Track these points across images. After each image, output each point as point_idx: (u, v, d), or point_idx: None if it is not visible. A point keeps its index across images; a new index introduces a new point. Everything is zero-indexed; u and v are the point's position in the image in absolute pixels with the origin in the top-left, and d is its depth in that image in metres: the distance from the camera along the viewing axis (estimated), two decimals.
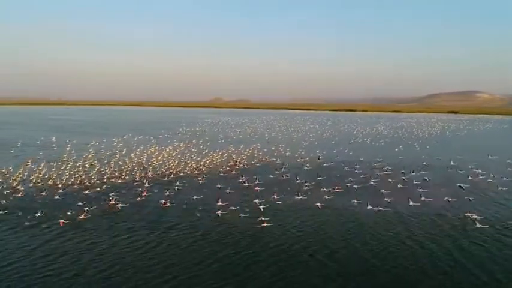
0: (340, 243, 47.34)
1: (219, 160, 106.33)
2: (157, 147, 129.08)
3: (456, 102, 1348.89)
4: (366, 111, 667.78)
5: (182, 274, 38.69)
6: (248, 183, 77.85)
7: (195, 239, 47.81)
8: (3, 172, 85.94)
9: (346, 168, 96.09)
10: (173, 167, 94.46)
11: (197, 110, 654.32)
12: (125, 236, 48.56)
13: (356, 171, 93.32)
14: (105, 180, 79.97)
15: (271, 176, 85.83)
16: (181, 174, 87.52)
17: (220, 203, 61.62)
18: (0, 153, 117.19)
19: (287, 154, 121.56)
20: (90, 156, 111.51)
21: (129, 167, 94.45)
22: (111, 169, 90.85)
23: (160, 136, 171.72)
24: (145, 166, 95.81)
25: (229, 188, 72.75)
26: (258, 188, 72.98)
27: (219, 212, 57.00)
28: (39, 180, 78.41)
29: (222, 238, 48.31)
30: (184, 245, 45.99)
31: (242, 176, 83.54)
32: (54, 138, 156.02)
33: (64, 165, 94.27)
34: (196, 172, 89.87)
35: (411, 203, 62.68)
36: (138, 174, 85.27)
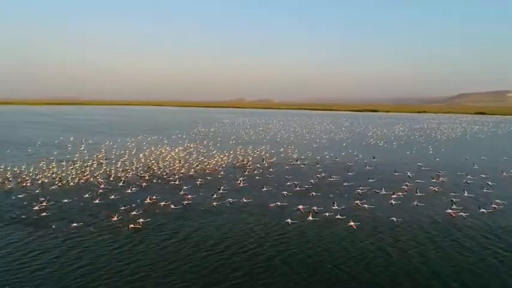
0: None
1: (224, 161, 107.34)
2: (167, 148, 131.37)
3: (486, 103, 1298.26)
4: (388, 111, 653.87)
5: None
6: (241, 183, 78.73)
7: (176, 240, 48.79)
8: (15, 171, 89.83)
9: (346, 169, 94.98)
10: (177, 168, 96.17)
11: (217, 110, 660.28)
12: (106, 235, 50.06)
13: (349, 173, 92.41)
14: (110, 179, 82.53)
15: (257, 177, 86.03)
16: (184, 175, 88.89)
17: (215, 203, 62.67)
18: (18, 152, 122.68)
19: (294, 155, 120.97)
20: (100, 156, 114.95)
21: (135, 167, 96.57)
22: (117, 169, 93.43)
23: (174, 137, 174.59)
24: (150, 166, 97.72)
25: (221, 189, 73.57)
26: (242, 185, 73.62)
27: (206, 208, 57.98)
28: (45, 180, 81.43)
29: (202, 239, 49.06)
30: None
31: (240, 177, 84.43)
32: (72, 138, 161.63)
33: (73, 165, 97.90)
34: (199, 173, 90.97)
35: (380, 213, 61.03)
36: (141, 175, 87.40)
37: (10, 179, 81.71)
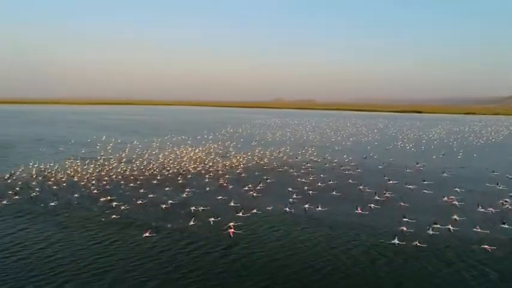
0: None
1: (236, 163, 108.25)
2: (188, 148, 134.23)
3: None
4: (433, 112, 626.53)
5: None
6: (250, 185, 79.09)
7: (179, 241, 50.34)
8: (40, 167, 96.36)
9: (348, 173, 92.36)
10: (189, 168, 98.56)
11: (254, 110, 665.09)
12: (98, 233, 52.66)
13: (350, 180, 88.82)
14: (124, 176, 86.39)
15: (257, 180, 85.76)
16: (194, 175, 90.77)
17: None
18: (51, 150, 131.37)
19: (313, 157, 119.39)
20: (123, 155, 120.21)
21: (151, 166, 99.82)
22: (132, 168, 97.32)
23: (199, 137, 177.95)
24: (165, 166, 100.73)
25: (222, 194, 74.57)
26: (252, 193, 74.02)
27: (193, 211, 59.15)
28: (65, 177, 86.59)
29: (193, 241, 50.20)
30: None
31: (248, 178, 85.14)
32: (104, 137, 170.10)
33: (95, 163, 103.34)
34: (209, 174, 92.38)
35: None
36: (153, 174, 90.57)
37: (34, 175, 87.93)
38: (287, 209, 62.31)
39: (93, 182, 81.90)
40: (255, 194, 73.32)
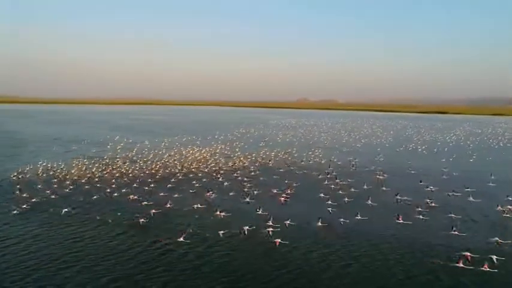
0: None
1: (240, 163, 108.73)
2: (195, 148, 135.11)
3: None
4: (458, 113, 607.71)
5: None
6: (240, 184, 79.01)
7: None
8: (48, 166, 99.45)
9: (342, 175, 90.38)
10: (190, 169, 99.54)
11: (272, 111, 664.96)
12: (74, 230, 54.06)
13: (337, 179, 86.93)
14: (122, 177, 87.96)
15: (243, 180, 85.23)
16: (192, 176, 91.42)
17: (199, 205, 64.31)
18: (62, 149, 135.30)
19: (320, 160, 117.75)
20: (130, 155, 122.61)
21: (153, 166, 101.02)
22: (134, 168, 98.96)
23: (209, 137, 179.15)
24: (167, 166, 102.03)
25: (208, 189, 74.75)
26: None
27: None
28: (68, 175, 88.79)
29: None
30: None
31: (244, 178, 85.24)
32: (117, 137, 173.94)
33: (100, 163, 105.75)
34: (207, 175, 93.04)
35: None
36: (151, 173, 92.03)
37: (40, 174, 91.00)
38: (319, 223, 56.66)
39: (96, 180, 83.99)
40: (283, 200, 69.52)
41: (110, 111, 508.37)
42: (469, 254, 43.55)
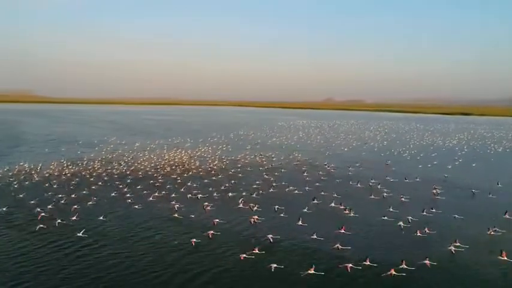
0: None
1: (213, 165, 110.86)
2: (178, 151, 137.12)
3: None
4: (483, 115, 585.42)
5: None
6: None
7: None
8: (25, 167, 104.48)
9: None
10: (157, 170, 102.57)
11: (294, 112, 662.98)
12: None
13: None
14: (84, 176, 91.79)
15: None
16: (145, 177, 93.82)
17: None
18: (53, 149, 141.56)
19: (292, 164, 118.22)
20: (111, 156, 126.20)
21: (120, 168, 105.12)
22: (107, 170, 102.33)
23: (202, 139, 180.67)
24: (135, 168, 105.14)
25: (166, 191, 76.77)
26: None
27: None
28: (39, 178, 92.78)
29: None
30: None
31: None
32: (114, 138, 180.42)
33: (80, 165, 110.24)
34: (174, 176, 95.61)
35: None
36: (112, 175, 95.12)
37: (13, 174, 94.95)
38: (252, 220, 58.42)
39: (60, 181, 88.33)
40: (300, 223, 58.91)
41: (130, 111, 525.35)
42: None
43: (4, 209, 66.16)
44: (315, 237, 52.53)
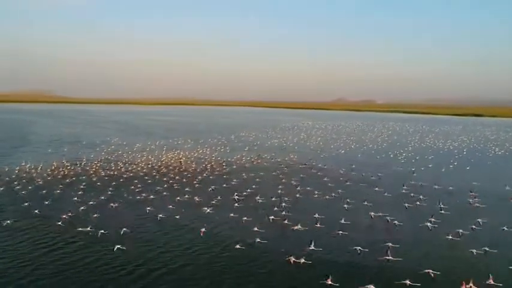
0: None
1: (208, 166, 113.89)
2: (176, 152, 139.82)
3: None
4: (494, 116, 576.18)
5: None
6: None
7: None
8: (26, 167, 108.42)
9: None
10: (152, 171, 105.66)
11: (302, 112, 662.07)
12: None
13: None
14: (79, 177, 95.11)
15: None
16: (137, 178, 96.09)
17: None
18: (56, 150, 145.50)
19: (287, 162, 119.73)
20: (109, 157, 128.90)
21: (117, 168, 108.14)
22: (105, 170, 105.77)
23: (202, 141, 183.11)
24: (139, 169, 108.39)
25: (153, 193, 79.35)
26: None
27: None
28: (38, 177, 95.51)
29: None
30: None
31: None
32: (116, 139, 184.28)
33: (78, 165, 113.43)
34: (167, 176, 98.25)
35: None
36: (108, 175, 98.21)
37: (13, 175, 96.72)
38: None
39: (55, 180, 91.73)
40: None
41: (140, 112, 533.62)
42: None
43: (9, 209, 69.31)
44: (361, 248, 50.41)
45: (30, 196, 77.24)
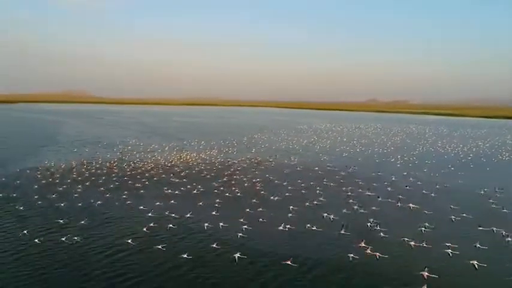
0: None
1: (212, 167, 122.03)
2: (184, 153, 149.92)
3: None
4: None
5: None
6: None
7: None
8: (48, 166, 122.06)
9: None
10: (158, 171, 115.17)
11: (324, 113, 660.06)
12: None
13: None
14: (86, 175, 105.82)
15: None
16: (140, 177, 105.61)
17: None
18: (75, 150, 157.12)
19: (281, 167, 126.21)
20: (125, 157, 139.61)
21: (125, 170, 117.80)
22: (117, 168, 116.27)
23: (213, 142, 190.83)
24: (146, 168, 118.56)
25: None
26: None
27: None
28: (58, 175, 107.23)
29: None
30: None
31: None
32: (134, 139, 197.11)
33: (91, 165, 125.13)
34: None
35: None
36: (116, 173, 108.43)
37: (39, 175, 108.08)
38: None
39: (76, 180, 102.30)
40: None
41: (165, 112, 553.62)
42: None
43: (21, 205, 78.05)
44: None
45: (45, 192, 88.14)
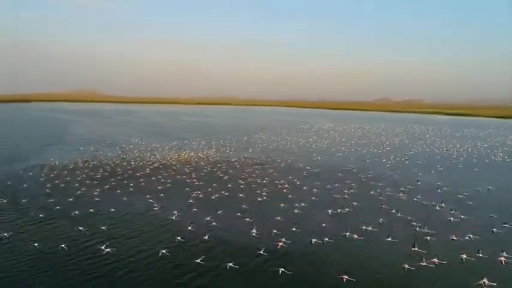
0: None
1: (205, 166, 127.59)
2: (182, 153, 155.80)
3: None
4: None
5: None
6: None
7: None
8: (51, 164, 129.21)
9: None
10: (152, 170, 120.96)
11: (331, 113, 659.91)
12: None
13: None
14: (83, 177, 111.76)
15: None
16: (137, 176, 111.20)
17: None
18: (81, 148, 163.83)
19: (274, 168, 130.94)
20: (125, 156, 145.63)
21: (130, 166, 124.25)
22: (105, 170, 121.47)
23: (213, 142, 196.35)
24: (143, 166, 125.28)
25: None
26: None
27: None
28: (59, 173, 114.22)
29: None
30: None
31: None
32: (137, 139, 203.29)
33: (89, 164, 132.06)
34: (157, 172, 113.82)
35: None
36: (112, 173, 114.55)
37: (43, 173, 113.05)
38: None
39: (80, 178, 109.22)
40: None
41: (174, 112, 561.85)
42: None
43: (24, 200, 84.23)
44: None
45: (51, 190, 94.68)
